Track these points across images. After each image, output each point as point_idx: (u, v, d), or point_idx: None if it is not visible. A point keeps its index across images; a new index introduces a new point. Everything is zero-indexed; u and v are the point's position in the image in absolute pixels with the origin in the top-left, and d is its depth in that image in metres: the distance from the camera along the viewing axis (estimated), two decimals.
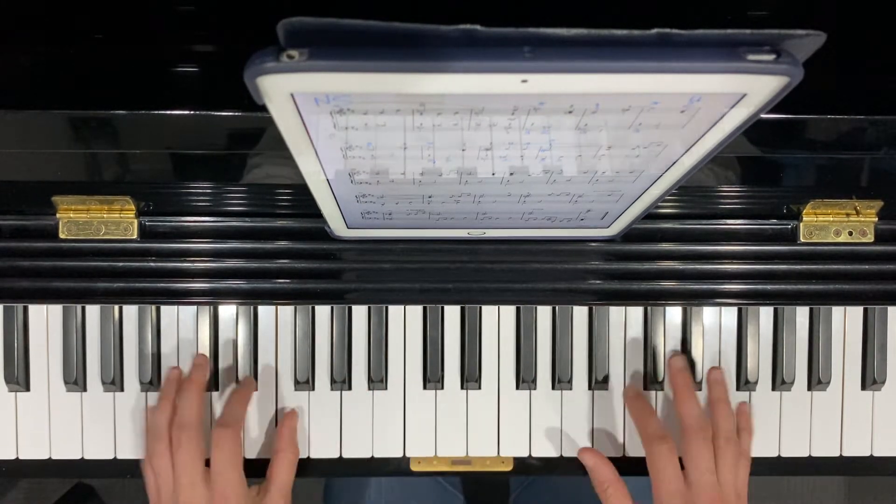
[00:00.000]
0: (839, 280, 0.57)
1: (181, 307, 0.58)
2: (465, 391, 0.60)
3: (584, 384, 0.60)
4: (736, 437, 0.55)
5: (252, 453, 0.58)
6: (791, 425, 0.60)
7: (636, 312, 0.60)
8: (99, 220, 0.55)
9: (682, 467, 0.53)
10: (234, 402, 0.56)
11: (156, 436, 0.53)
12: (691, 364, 0.59)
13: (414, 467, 0.60)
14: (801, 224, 0.57)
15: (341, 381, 0.58)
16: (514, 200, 0.43)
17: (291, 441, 0.57)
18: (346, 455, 0.59)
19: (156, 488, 0.53)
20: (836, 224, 0.57)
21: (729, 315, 0.60)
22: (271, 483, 0.55)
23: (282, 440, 0.56)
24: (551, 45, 0.24)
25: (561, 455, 0.60)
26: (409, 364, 0.59)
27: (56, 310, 0.58)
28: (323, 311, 0.59)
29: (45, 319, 0.58)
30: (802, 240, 0.57)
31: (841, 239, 0.57)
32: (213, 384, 0.59)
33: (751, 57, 0.25)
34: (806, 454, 0.60)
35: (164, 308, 0.58)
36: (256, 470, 0.57)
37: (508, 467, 0.60)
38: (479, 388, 0.59)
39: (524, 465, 0.60)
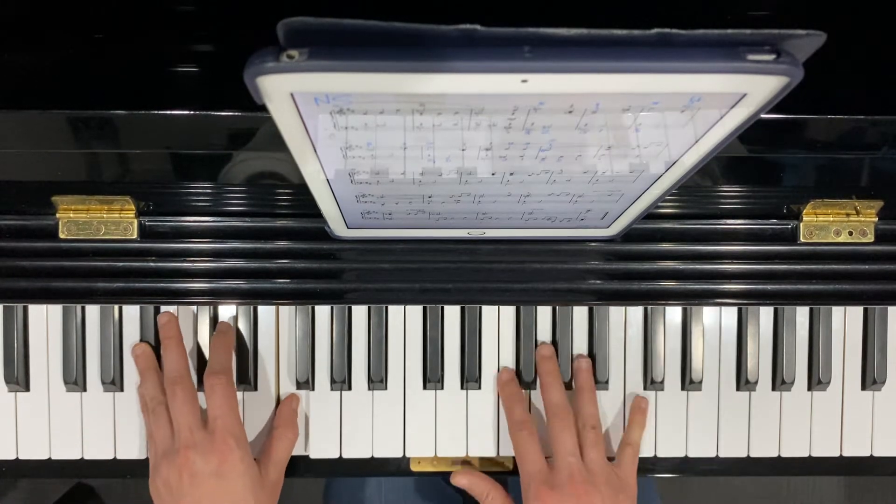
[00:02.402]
0: (839, 280, 0.57)
1: (181, 307, 0.58)
2: (465, 391, 0.60)
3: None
4: (597, 420, 0.56)
5: (252, 453, 0.58)
6: (791, 425, 0.60)
7: (636, 312, 0.60)
8: (99, 220, 0.55)
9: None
10: (217, 349, 0.56)
11: (153, 401, 0.54)
12: (691, 365, 0.59)
13: (414, 467, 0.60)
14: (801, 224, 0.57)
15: (341, 381, 0.58)
16: (514, 200, 0.43)
17: (291, 420, 0.57)
18: (346, 455, 0.59)
19: (156, 449, 0.53)
20: (836, 224, 0.57)
21: (729, 315, 0.60)
22: (266, 457, 0.55)
23: (280, 418, 0.57)
24: (551, 45, 0.24)
25: None
26: (409, 364, 0.59)
27: (56, 310, 0.58)
28: (323, 311, 0.59)
29: (45, 319, 0.58)
30: (802, 240, 0.57)
31: (841, 239, 0.57)
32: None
33: (751, 57, 0.25)
34: (806, 454, 0.60)
35: (163, 308, 0.58)
36: None
37: (508, 467, 0.60)
38: (479, 388, 0.59)
39: None
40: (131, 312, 0.58)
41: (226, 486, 0.50)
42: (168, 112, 0.39)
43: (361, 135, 0.31)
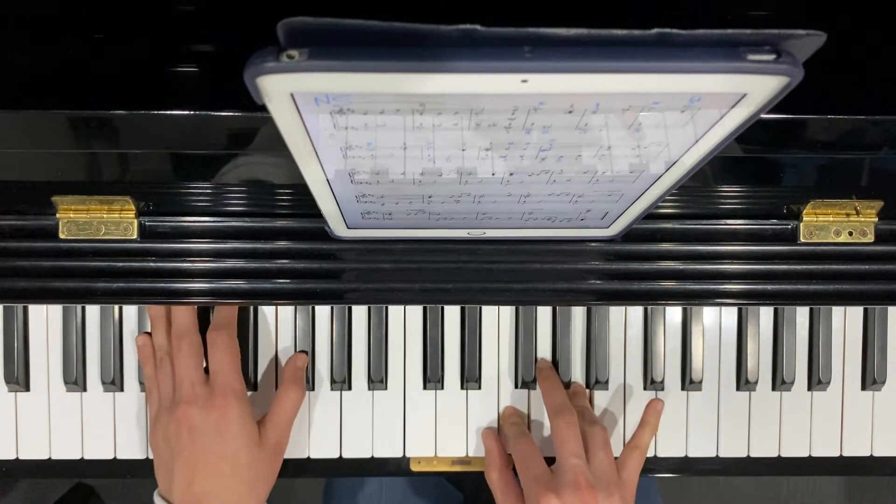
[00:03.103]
0: (839, 280, 0.57)
1: (181, 307, 0.58)
2: (465, 391, 0.60)
3: (584, 384, 0.60)
4: (600, 426, 0.54)
5: None
6: (791, 425, 0.60)
7: (636, 312, 0.60)
8: (99, 220, 0.55)
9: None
10: (221, 307, 0.56)
11: (160, 350, 0.55)
12: (691, 365, 0.59)
13: (414, 467, 0.60)
14: (801, 224, 0.57)
15: (341, 381, 0.58)
16: (514, 200, 0.43)
17: (294, 378, 0.56)
18: (346, 455, 0.59)
19: (157, 401, 0.54)
20: (836, 224, 0.57)
21: (729, 315, 0.60)
22: (268, 416, 0.55)
23: (285, 376, 0.56)
24: (551, 45, 0.24)
25: None
26: (409, 364, 0.59)
27: (56, 310, 0.58)
28: (323, 311, 0.59)
29: (45, 319, 0.58)
30: (802, 240, 0.57)
31: (841, 239, 0.57)
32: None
33: (751, 57, 0.25)
34: (806, 454, 0.60)
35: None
36: None
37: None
38: (479, 388, 0.59)
39: None
40: (131, 312, 0.58)
41: (224, 443, 0.51)
42: (168, 112, 0.39)
43: (361, 135, 0.31)
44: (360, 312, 0.59)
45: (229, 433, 0.51)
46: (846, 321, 0.60)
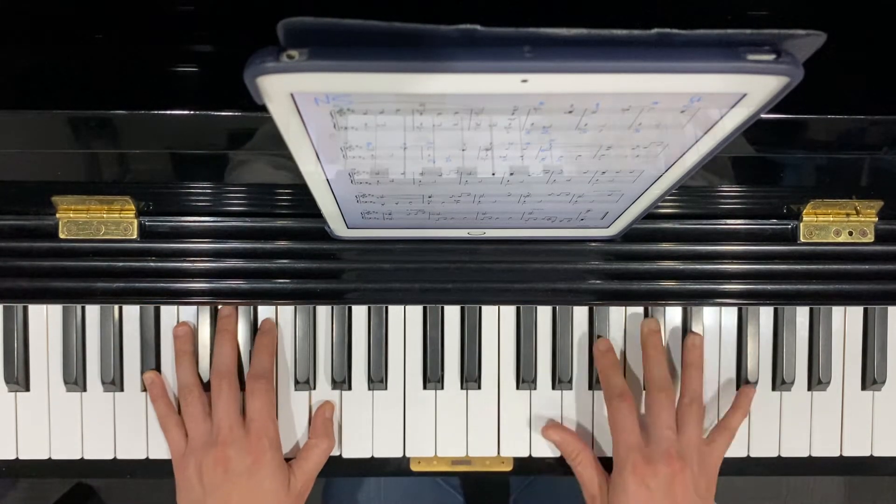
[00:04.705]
0: (839, 280, 0.57)
1: (181, 307, 0.58)
2: (465, 391, 0.60)
3: (585, 384, 0.60)
4: (701, 399, 0.56)
5: None
6: (791, 425, 0.60)
7: (636, 312, 0.60)
8: (99, 220, 0.55)
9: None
10: (260, 353, 0.57)
11: (186, 388, 0.55)
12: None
13: (414, 467, 0.60)
14: (801, 224, 0.57)
15: (341, 381, 0.58)
16: (514, 200, 0.43)
17: (324, 430, 0.57)
18: (346, 455, 0.59)
19: (184, 438, 0.55)
20: (836, 224, 0.57)
21: (729, 315, 0.60)
22: (297, 464, 0.56)
23: (313, 429, 0.58)
24: (551, 45, 0.24)
25: (561, 455, 0.60)
26: (409, 364, 0.59)
27: (56, 310, 0.58)
28: (323, 311, 0.59)
29: (45, 319, 0.58)
30: (802, 240, 0.57)
31: (841, 239, 0.57)
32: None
33: (751, 57, 0.25)
34: (806, 454, 0.60)
35: (164, 308, 0.58)
36: None
37: (508, 467, 0.60)
38: (479, 388, 0.59)
39: (524, 465, 0.60)
40: (131, 312, 0.58)
41: (256, 486, 0.52)
42: (168, 112, 0.39)
43: (361, 135, 0.31)
44: (360, 312, 0.59)
45: (263, 477, 0.52)
46: (846, 321, 0.60)
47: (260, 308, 0.59)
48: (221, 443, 0.52)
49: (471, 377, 0.59)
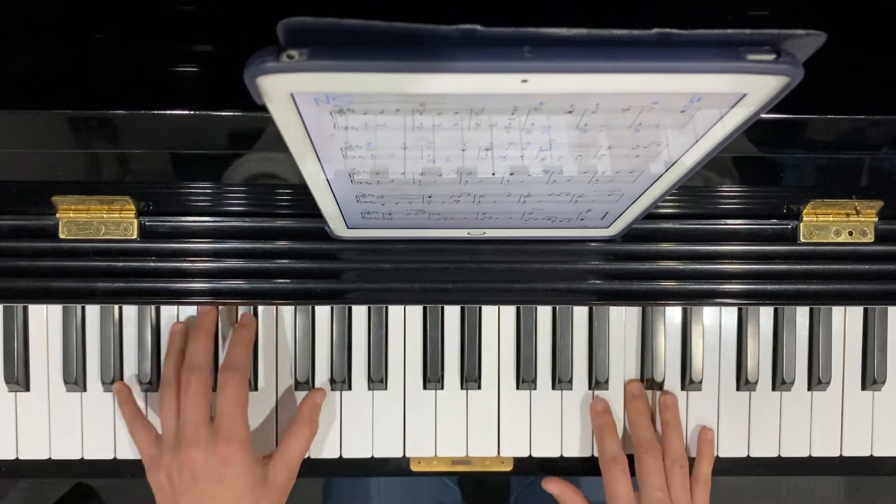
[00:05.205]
0: (839, 280, 0.57)
1: (181, 307, 0.58)
2: (465, 391, 0.60)
3: (585, 384, 0.60)
4: (685, 459, 0.57)
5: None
6: (791, 425, 0.60)
7: (636, 312, 0.60)
8: (99, 220, 0.55)
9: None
10: (236, 344, 0.55)
11: (165, 383, 0.54)
12: (691, 364, 0.59)
13: (414, 467, 0.60)
14: (801, 224, 0.57)
15: (341, 381, 0.58)
16: (514, 200, 0.43)
17: (310, 417, 0.56)
18: (346, 455, 0.59)
19: (154, 437, 0.54)
20: (836, 224, 0.57)
21: (729, 315, 0.60)
22: (279, 453, 0.54)
23: (300, 413, 0.56)
24: (551, 45, 0.24)
25: (561, 455, 0.60)
26: (409, 364, 0.59)
27: (56, 310, 0.58)
28: (323, 311, 0.59)
29: (45, 319, 0.58)
30: (802, 240, 0.57)
31: (841, 239, 0.57)
32: (214, 384, 0.59)
33: (751, 57, 0.25)
34: (806, 454, 0.60)
35: (164, 308, 0.58)
36: None
37: (508, 467, 0.60)
38: (479, 388, 0.59)
39: (524, 465, 0.60)
40: (131, 312, 0.58)
41: (226, 489, 0.50)
42: (168, 112, 0.39)
43: (361, 135, 0.31)
44: (360, 312, 0.59)
45: (233, 479, 0.50)
46: (846, 321, 0.60)
47: (260, 308, 0.59)
48: (186, 444, 0.50)
49: (471, 377, 0.59)
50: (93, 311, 0.58)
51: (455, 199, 0.42)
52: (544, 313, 0.60)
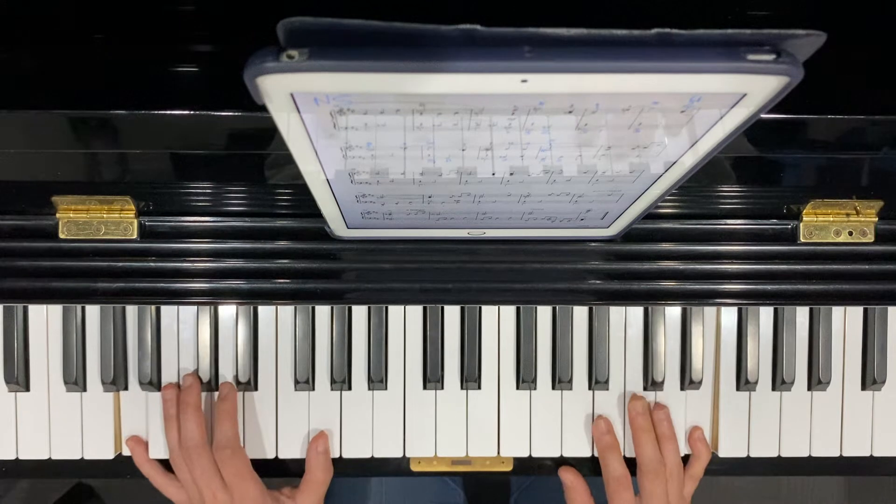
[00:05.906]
0: (839, 280, 0.57)
1: (181, 307, 0.58)
2: (465, 391, 0.60)
3: (584, 384, 0.60)
4: (681, 469, 0.58)
5: (254, 454, 0.58)
6: (791, 425, 0.60)
7: (636, 312, 0.60)
8: (99, 220, 0.55)
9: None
10: (222, 421, 0.57)
11: (173, 452, 0.57)
12: (691, 364, 0.59)
13: (414, 467, 0.60)
14: (801, 224, 0.57)
15: (341, 381, 0.58)
16: (514, 200, 0.43)
17: (318, 464, 0.58)
18: (346, 455, 0.59)
19: (186, 496, 0.57)
20: (836, 224, 0.57)
21: (729, 315, 0.60)
22: (300, 499, 0.57)
23: (309, 466, 0.58)
24: (551, 45, 0.24)
25: (561, 455, 0.60)
26: (409, 364, 0.59)
27: (56, 310, 0.58)
28: (323, 311, 0.59)
29: (45, 319, 0.58)
30: (802, 240, 0.57)
31: (841, 239, 0.57)
32: (215, 384, 0.59)
33: (751, 57, 0.25)
34: (806, 454, 0.60)
35: (164, 308, 0.58)
36: (256, 468, 0.57)
37: (508, 467, 0.60)
38: (479, 388, 0.59)
39: (524, 465, 0.60)
40: (131, 312, 0.58)
41: None
42: (168, 112, 0.39)
43: (361, 135, 0.31)
44: (360, 312, 0.59)
45: None
46: (846, 321, 0.60)
47: (260, 308, 0.59)
48: None
49: (471, 377, 0.59)
50: (93, 311, 0.58)
51: (455, 199, 0.42)
52: (544, 313, 0.60)
